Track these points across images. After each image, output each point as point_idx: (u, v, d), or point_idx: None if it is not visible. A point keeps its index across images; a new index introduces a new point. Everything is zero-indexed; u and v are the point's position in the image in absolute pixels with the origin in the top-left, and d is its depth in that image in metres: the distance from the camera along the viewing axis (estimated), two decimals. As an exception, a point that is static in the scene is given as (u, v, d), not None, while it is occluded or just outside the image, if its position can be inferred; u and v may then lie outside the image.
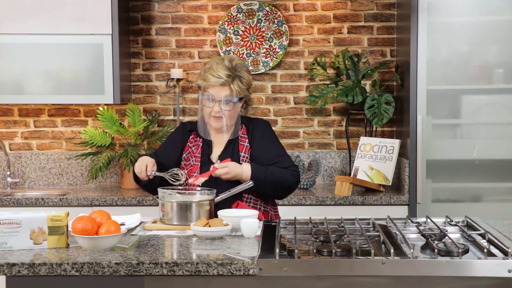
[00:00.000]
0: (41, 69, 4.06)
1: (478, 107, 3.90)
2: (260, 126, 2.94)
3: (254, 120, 2.98)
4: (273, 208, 2.97)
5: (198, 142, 2.93)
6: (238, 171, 2.76)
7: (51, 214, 2.31)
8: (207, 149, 2.91)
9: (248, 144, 2.89)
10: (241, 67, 2.86)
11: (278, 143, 2.94)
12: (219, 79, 2.79)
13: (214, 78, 2.80)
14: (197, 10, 4.40)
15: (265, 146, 2.88)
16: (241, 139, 2.90)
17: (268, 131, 2.94)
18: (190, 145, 2.94)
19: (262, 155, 2.86)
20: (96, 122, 4.36)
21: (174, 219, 2.63)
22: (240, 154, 2.87)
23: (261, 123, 2.97)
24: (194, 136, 2.95)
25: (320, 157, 4.38)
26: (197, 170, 2.86)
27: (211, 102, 2.81)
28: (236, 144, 2.90)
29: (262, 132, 2.92)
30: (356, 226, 2.54)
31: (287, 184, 2.84)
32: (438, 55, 3.84)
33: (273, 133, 2.96)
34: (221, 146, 2.91)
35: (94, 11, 4.00)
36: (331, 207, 3.81)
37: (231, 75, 2.81)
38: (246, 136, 2.90)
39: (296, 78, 4.41)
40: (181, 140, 2.96)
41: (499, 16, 3.84)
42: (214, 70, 2.81)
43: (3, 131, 4.43)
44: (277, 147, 2.92)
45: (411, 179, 3.84)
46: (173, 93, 4.43)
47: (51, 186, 4.41)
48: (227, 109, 2.82)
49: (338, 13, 4.37)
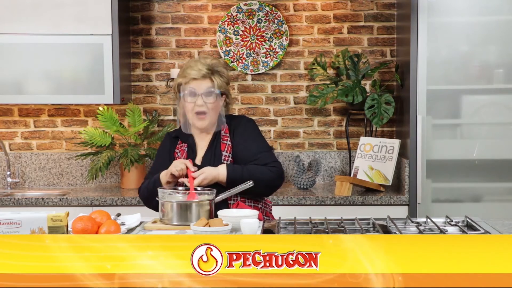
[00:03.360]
0: (41, 69, 4.06)
1: (478, 107, 3.90)
2: (242, 123, 2.93)
3: (236, 118, 2.98)
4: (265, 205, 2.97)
5: (183, 148, 2.93)
6: (214, 174, 2.76)
7: (51, 214, 2.31)
8: (191, 154, 2.91)
9: (230, 143, 2.88)
10: (218, 64, 2.89)
11: (260, 139, 2.92)
12: (200, 71, 2.81)
13: (194, 71, 2.81)
14: (197, 10, 4.40)
15: (245, 143, 2.87)
16: (223, 138, 2.89)
17: (249, 127, 2.92)
18: (177, 151, 2.94)
19: (243, 153, 2.85)
20: (96, 122, 4.36)
21: (174, 219, 2.63)
22: (222, 153, 2.86)
23: (242, 120, 2.96)
24: (180, 142, 2.95)
25: (320, 157, 4.38)
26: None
27: (194, 97, 2.81)
28: (218, 143, 2.89)
29: (243, 129, 2.91)
30: (356, 226, 2.54)
31: (267, 181, 2.81)
32: (438, 55, 3.84)
33: (255, 129, 2.94)
34: (205, 148, 2.91)
35: (94, 11, 4.00)
36: (331, 207, 3.81)
37: (210, 70, 2.84)
38: (228, 135, 2.90)
39: (296, 78, 4.41)
40: (169, 149, 2.95)
41: (499, 16, 3.84)
42: (193, 66, 2.83)
43: (3, 131, 4.43)
44: (258, 144, 2.89)
45: (411, 179, 3.84)
46: (173, 93, 4.42)
47: (51, 186, 4.41)
48: (210, 102, 2.81)
49: (338, 13, 4.37)
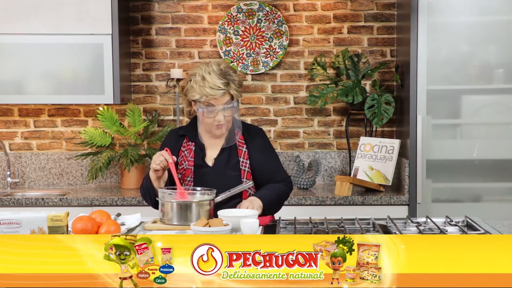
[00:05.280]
0: (41, 69, 4.06)
1: (478, 107, 3.90)
2: (259, 135, 2.96)
3: (249, 127, 2.99)
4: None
5: (190, 146, 2.92)
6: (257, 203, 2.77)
7: (51, 214, 2.31)
8: (200, 152, 2.90)
9: (246, 150, 2.89)
10: (229, 69, 2.84)
11: (274, 154, 2.98)
12: (219, 90, 2.75)
13: (213, 90, 2.74)
14: (197, 10, 4.40)
15: (263, 158, 2.91)
16: (239, 144, 2.90)
17: (266, 142, 2.97)
18: (183, 149, 2.92)
19: (260, 168, 2.89)
20: (96, 122, 4.36)
21: (174, 219, 2.63)
22: (240, 159, 2.87)
23: (259, 132, 2.98)
24: (187, 140, 2.94)
25: (320, 157, 4.38)
26: (190, 174, 2.86)
27: (213, 112, 2.79)
28: (233, 147, 2.89)
29: (261, 142, 2.93)
30: (356, 226, 2.54)
31: (286, 198, 2.96)
32: (438, 55, 3.84)
33: (269, 143, 2.99)
34: (216, 149, 2.90)
35: (94, 11, 4.00)
36: (331, 207, 3.82)
37: (226, 81, 2.77)
38: (244, 142, 2.90)
39: (296, 78, 4.41)
40: (174, 146, 2.91)
41: (499, 16, 3.85)
42: (209, 81, 2.75)
43: (3, 131, 4.43)
44: (274, 159, 2.96)
45: (411, 179, 3.84)
46: (173, 93, 4.43)
47: (51, 186, 4.41)
48: (228, 115, 2.82)
49: (338, 13, 4.37)
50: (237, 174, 2.85)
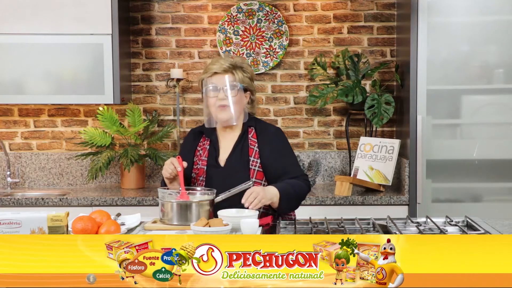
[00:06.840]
0: (41, 69, 4.06)
1: (478, 107, 3.90)
2: (271, 133, 2.92)
3: (263, 124, 2.96)
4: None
5: (205, 145, 2.93)
6: (269, 196, 2.70)
7: (51, 214, 2.31)
8: (213, 152, 2.90)
9: (258, 149, 2.87)
10: (242, 61, 2.91)
11: (288, 151, 2.91)
12: (222, 66, 2.82)
13: (216, 66, 2.83)
14: (197, 10, 4.40)
15: (274, 155, 2.86)
16: (251, 142, 2.89)
17: (279, 139, 2.91)
18: (199, 149, 2.94)
19: (270, 164, 2.84)
20: (96, 122, 4.36)
21: (174, 219, 2.63)
22: (250, 159, 2.86)
23: (271, 129, 2.94)
24: (203, 139, 2.95)
25: (320, 157, 4.38)
26: (203, 173, 2.87)
27: (216, 91, 2.82)
28: (245, 146, 2.88)
29: (272, 139, 2.89)
30: (356, 226, 2.54)
31: (305, 195, 2.88)
32: (438, 55, 3.84)
33: (284, 141, 2.93)
34: (228, 149, 2.90)
35: (94, 11, 4.00)
36: (331, 207, 3.82)
37: (232, 65, 2.85)
38: (256, 140, 2.89)
39: (296, 78, 4.41)
40: (193, 143, 2.97)
41: (499, 16, 3.85)
42: (216, 61, 2.86)
43: (3, 131, 4.43)
44: (287, 156, 2.90)
45: (411, 179, 3.84)
46: (173, 93, 4.43)
47: (51, 186, 4.41)
48: (232, 95, 2.81)
49: (338, 13, 4.37)
50: (247, 174, 2.84)
